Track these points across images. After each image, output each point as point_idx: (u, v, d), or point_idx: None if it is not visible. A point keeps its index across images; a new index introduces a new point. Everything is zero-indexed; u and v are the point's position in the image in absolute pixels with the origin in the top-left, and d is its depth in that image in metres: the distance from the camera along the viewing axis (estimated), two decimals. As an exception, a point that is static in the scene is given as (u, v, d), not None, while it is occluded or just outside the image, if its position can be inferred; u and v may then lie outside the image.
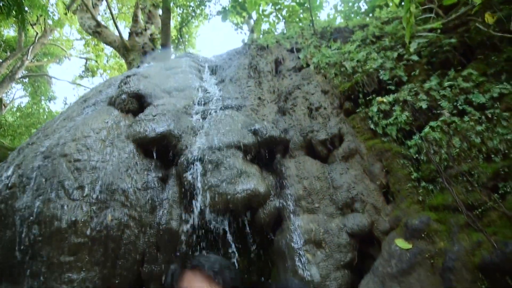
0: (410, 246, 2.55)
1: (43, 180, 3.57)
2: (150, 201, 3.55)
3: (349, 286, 2.84)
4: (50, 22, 16.47)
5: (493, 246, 2.21)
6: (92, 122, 4.24)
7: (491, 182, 2.55)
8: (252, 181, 3.34)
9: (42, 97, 24.30)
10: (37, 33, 17.81)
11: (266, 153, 3.80)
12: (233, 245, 3.16)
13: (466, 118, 2.99)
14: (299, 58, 5.72)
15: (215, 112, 4.51)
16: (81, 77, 24.77)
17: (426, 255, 2.47)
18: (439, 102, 3.23)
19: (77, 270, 3.14)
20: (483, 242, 2.30)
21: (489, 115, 2.89)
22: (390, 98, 3.56)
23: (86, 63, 23.93)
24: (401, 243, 2.60)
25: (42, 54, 23.07)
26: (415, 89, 3.49)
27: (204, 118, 4.43)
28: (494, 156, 2.64)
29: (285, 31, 8.09)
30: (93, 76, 23.42)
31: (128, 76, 5.29)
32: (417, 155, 3.07)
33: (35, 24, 17.12)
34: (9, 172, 3.85)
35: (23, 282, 3.26)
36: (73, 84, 26.39)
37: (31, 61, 19.40)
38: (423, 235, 2.55)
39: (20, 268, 3.29)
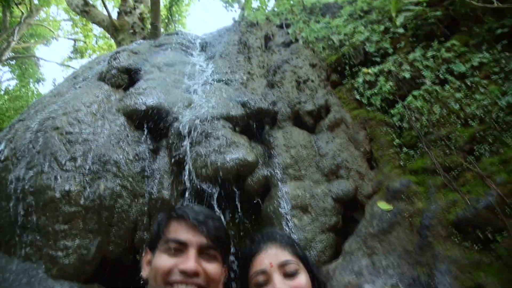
0: (390, 207, 2.69)
1: (36, 152, 3.63)
2: (141, 171, 3.64)
3: (333, 247, 2.98)
4: (36, 1, 16.17)
5: (467, 203, 2.35)
6: (83, 97, 4.28)
7: (468, 145, 2.68)
8: (241, 151, 3.44)
9: (30, 80, 23.90)
10: (22, 13, 17.46)
11: (254, 124, 3.90)
12: (221, 213, 3.29)
13: (447, 87, 3.10)
14: (288, 33, 5.77)
15: (205, 86, 4.57)
16: (70, 58, 24.39)
17: (405, 214, 2.61)
18: (422, 72, 3.34)
19: (71, 237, 3.24)
20: (458, 200, 2.44)
21: (469, 83, 3.00)
22: (375, 69, 3.65)
23: (74, 44, 23.55)
24: (383, 205, 2.73)
25: (29, 35, 22.61)
26: (400, 60, 3.58)
27: (194, 92, 4.49)
28: (471, 121, 2.76)
29: (275, 9, 8.08)
30: (82, 57, 23.06)
31: (118, 52, 5.31)
32: (399, 123, 3.19)
33: (20, 3, 16.75)
34: (1, 147, 3.89)
35: (19, 250, 3.36)
36: (62, 66, 26.01)
37: (18, 42, 19.06)
38: (403, 197, 2.69)
39: (16, 237, 3.38)
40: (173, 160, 3.62)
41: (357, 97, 3.67)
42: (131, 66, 4.84)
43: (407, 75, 3.35)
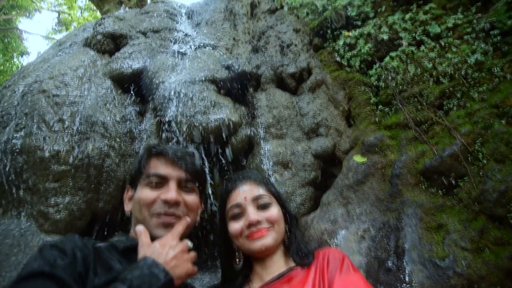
0: (365, 159, 2.85)
1: (23, 115, 3.69)
2: (128, 132, 3.75)
3: (312, 200, 3.16)
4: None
5: (434, 153, 2.52)
6: (69, 61, 4.32)
7: (438, 101, 2.83)
8: (225, 111, 3.55)
9: (14, 54, 23.30)
10: (3, -17, 16.89)
11: (239, 87, 3.99)
12: (207, 169, 3.42)
13: (422, 48, 3.23)
14: (273, 0, 5.79)
15: (190, 51, 4.62)
16: (54, 31, 23.78)
17: (378, 166, 2.78)
18: (400, 34, 3.45)
19: (62, 194, 3.36)
20: (426, 151, 2.61)
21: (443, 44, 3.13)
22: (356, 32, 3.75)
23: (58, 16, 22.94)
24: (358, 158, 2.90)
25: (10, 6, 21.89)
26: (379, 23, 3.68)
27: (179, 57, 4.54)
28: (442, 78, 2.90)
29: (261, -23, 8.01)
30: (67, 30, 22.47)
31: (103, 18, 5.31)
32: (376, 82, 3.32)
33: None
34: (-12, 111, 3.93)
35: (12, 208, 3.48)
36: (47, 39, 25.39)
37: (-2, 13, 18.52)
38: (376, 149, 2.85)
39: (7, 197, 3.49)
40: (159, 121, 3.72)
41: (338, 59, 3.78)
42: (116, 31, 4.85)
43: (385, 37, 3.46)
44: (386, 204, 2.59)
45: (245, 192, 1.81)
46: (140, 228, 1.55)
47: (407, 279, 2.11)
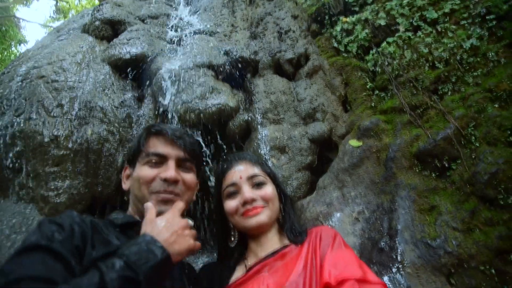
0: (360, 143, 2.89)
1: (23, 100, 3.72)
2: (127, 117, 3.77)
3: (309, 184, 3.21)
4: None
5: (428, 137, 2.56)
6: (67, 47, 4.33)
7: (433, 86, 2.86)
8: (223, 97, 3.58)
9: (12, 42, 23.12)
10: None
11: (237, 73, 4.01)
12: (205, 154, 3.46)
13: (419, 33, 3.25)
14: (272, -13, 5.76)
15: (189, 37, 4.63)
16: (52, 19, 23.60)
17: (373, 150, 2.82)
18: (397, 20, 3.46)
19: (62, 179, 3.41)
20: (420, 135, 2.64)
21: (439, 29, 3.15)
22: (354, 18, 3.76)
23: (56, 3, 22.75)
24: (353, 142, 2.93)
25: (7, -6, 21.68)
26: (377, 8, 3.69)
27: (177, 42, 4.56)
28: (438, 63, 2.93)
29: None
30: (65, 17, 22.29)
31: (101, 4, 5.29)
32: (373, 68, 3.35)
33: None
34: (-12, 97, 3.95)
35: (13, 193, 3.53)
36: (45, 27, 25.20)
37: (-5, 1, 18.36)
38: (372, 134, 2.88)
39: (8, 182, 3.54)
40: (157, 106, 3.75)
41: (335, 45, 3.80)
42: (114, 18, 4.85)
43: (382, 22, 3.47)
44: (381, 187, 2.63)
45: (241, 172, 1.85)
46: (148, 204, 1.58)
47: (399, 258, 2.16)
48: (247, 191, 1.77)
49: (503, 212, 2.09)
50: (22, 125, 3.52)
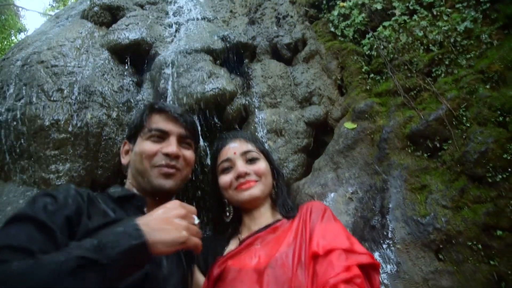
0: (355, 126, 2.94)
1: (23, 85, 3.76)
2: (126, 102, 3.82)
3: (305, 166, 3.26)
4: None
5: (421, 118, 2.60)
6: (66, 33, 4.36)
7: (427, 68, 2.90)
8: (221, 81, 3.61)
9: (12, 31, 22.99)
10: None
11: (234, 58, 4.05)
12: (202, 137, 3.52)
13: (414, 17, 3.27)
14: (271, -28, 5.75)
15: (187, 23, 4.65)
16: (52, 7, 23.47)
17: (367, 132, 2.87)
18: (393, 4, 3.48)
19: (62, 161, 3.47)
20: (413, 116, 2.69)
21: (435, 12, 3.17)
22: (350, 2, 3.77)
23: (56, -9, 22.61)
24: (348, 125, 2.98)
25: (6, -18, 21.53)
26: (374, -7, 3.71)
27: (176, 28, 4.58)
28: (432, 46, 2.96)
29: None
30: (64, 5, 22.23)
31: (100, -10, 5.29)
32: (369, 51, 3.38)
33: None
34: (-11, 82, 4.00)
35: (14, 176, 3.59)
36: (44, 15, 25.05)
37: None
38: (366, 116, 2.93)
39: (10, 164, 3.60)
40: (156, 91, 3.79)
41: (332, 29, 3.82)
42: (113, 3, 4.86)
43: (379, 6, 3.49)
44: (374, 167, 2.69)
45: (235, 148, 1.91)
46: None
47: (390, 235, 2.23)
48: (241, 166, 1.83)
49: (491, 190, 2.15)
50: (23, 109, 3.57)
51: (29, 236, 1.18)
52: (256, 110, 3.54)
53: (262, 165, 1.89)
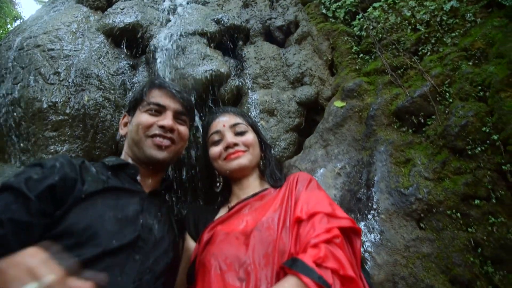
0: (344, 104, 3.02)
1: (20, 69, 3.83)
2: (122, 85, 3.89)
3: (296, 145, 3.36)
4: None
5: (406, 95, 2.69)
6: (62, 17, 4.41)
7: (414, 47, 2.98)
8: (214, 63, 3.69)
9: (8, 19, 22.81)
10: None
11: (228, 41, 4.11)
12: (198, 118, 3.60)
13: (404, -3, 3.33)
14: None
15: (182, 7, 4.70)
16: (47, -6, 23.25)
17: (356, 109, 2.96)
18: (384, -15, 3.54)
19: (60, 143, 3.56)
20: (400, 94, 2.78)
21: (424, -8, 3.23)
22: (342, -16, 3.83)
23: (51, -22, 22.37)
24: (338, 103, 3.07)
25: (1, -31, 21.30)
26: (365, -26, 3.76)
27: (170, 12, 4.63)
28: (420, 25, 3.03)
29: None
30: (60, -8, 21.99)
31: (94, -26, 5.32)
32: (359, 32, 3.45)
33: None
34: (-14, 66, 4.07)
35: (14, 157, 3.69)
36: (40, 3, 24.86)
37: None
38: (355, 94, 3.02)
39: (10, 147, 3.69)
40: (151, 74, 3.86)
41: (324, 11, 3.89)
42: (108, -13, 4.90)
43: (369, -13, 3.55)
44: (361, 143, 2.79)
45: (224, 121, 2.02)
46: None
47: (374, 206, 2.33)
48: (230, 137, 1.94)
49: (471, 162, 2.25)
50: (21, 92, 3.64)
51: (5, 205, 1.29)
52: (249, 91, 3.62)
53: (250, 136, 1.99)
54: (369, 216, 2.31)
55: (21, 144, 3.67)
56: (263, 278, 1.48)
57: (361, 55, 3.30)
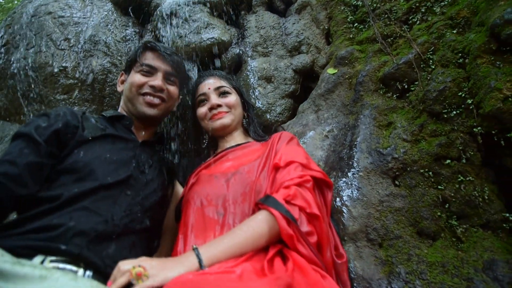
0: (336, 71, 3.15)
1: (33, 35, 4.04)
2: (129, 51, 4.08)
3: (291, 111, 3.53)
4: None
5: (393, 62, 2.81)
6: (72, -15, 4.57)
7: (405, 16, 3.07)
8: (217, 31, 3.83)
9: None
10: None
11: (231, 10, 4.23)
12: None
13: (401, -33, 3.38)
14: None
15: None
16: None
17: (346, 76, 3.09)
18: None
19: (71, 105, 3.80)
20: (387, 61, 2.90)
21: (419, -38, 3.28)
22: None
23: None
24: (330, 70, 3.20)
25: None
26: None
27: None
28: (412, -5, 3.11)
29: None
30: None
31: None
32: (355, 2, 3.53)
33: None
34: (1, 33, 4.30)
35: (28, 119, 3.95)
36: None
37: None
38: (346, 62, 3.14)
39: (24, 108, 3.96)
40: (157, 40, 4.03)
41: (323, -18, 3.95)
42: (115, -43, 5.02)
43: (368, -43, 3.59)
44: (349, 108, 2.94)
45: (210, 84, 2.23)
46: None
47: (354, 165, 2.51)
48: (214, 99, 2.16)
49: (446, 125, 2.39)
50: (33, 57, 3.86)
51: (20, 150, 1.56)
52: (249, 59, 3.77)
53: (232, 98, 2.20)
54: (349, 174, 2.48)
55: (35, 105, 3.92)
56: (239, 212, 1.70)
57: (356, 24, 3.39)
